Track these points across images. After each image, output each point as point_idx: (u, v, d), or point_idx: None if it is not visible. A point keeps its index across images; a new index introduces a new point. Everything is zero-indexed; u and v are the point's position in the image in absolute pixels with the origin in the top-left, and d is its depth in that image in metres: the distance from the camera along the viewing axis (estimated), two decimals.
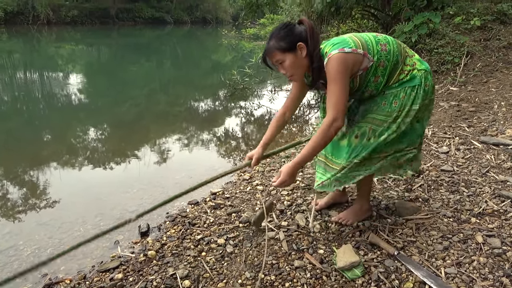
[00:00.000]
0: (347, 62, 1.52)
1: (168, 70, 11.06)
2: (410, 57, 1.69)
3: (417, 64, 1.67)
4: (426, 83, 1.63)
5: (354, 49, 1.54)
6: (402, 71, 1.64)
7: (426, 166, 2.59)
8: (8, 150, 3.74)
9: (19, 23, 23.26)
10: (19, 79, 8.81)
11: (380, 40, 1.62)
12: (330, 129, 1.53)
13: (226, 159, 3.59)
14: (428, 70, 1.67)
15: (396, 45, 1.64)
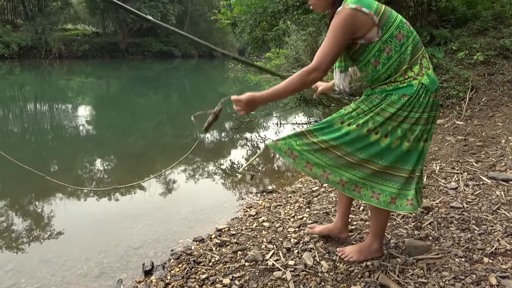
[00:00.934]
0: (355, 20, 1.47)
1: (175, 103, 11.23)
2: (421, 66, 1.57)
3: (424, 76, 1.55)
4: (423, 96, 1.54)
5: (371, 13, 1.47)
6: (403, 75, 1.54)
7: (435, 203, 2.55)
8: (15, 180, 3.76)
9: (32, 57, 23.98)
10: (29, 111, 8.99)
11: (402, 28, 1.52)
12: (308, 76, 1.49)
13: (232, 192, 3.56)
14: (428, 87, 1.54)
15: (413, 45, 1.54)
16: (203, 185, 3.74)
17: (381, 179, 1.64)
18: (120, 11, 27.37)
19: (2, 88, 12.83)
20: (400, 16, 1.56)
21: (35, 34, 24.29)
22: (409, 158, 1.61)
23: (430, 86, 1.54)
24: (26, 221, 2.89)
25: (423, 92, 1.53)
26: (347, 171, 1.64)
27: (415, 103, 1.53)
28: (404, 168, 1.62)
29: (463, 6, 6.61)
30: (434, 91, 1.56)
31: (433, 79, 1.57)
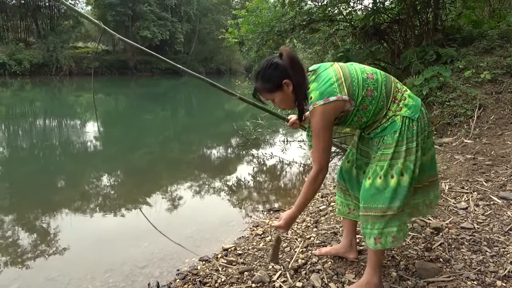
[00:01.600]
0: (331, 112, 1.57)
1: (182, 119, 11.32)
2: (397, 102, 1.64)
3: (403, 110, 1.62)
4: (412, 124, 1.62)
5: (339, 96, 1.55)
6: (385, 116, 1.64)
7: (445, 223, 2.51)
8: (21, 196, 3.77)
9: (43, 74, 24.44)
10: (39, 127, 9.11)
11: (368, 85, 1.60)
12: (317, 181, 1.63)
13: (238, 210, 3.54)
14: (411, 116, 1.61)
15: (384, 91, 1.62)
16: (209, 203, 3.72)
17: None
18: (130, 30, 27.94)
19: (13, 104, 13.04)
20: (358, 70, 1.63)
21: (46, 52, 24.80)
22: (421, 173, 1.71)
23: (412, 114, 1.61)
24: (32, 238, 2.88)
25: (409, 122, 1.61)
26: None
27: (406, 134, 1.61)
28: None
29: (468, 26, 6.64)
30: (419, 113, 1.64)
31: (414, 107, 1.63)
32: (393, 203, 1.61)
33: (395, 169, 1.61)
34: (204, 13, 34.73)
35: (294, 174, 4.77)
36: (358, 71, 1.62)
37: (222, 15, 34.94)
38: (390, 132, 1.62)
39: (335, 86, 1.56)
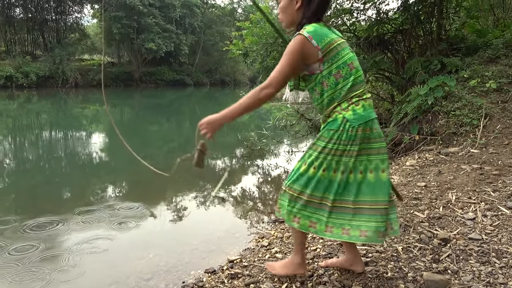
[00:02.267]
0: (305, 48, 1.60)
1: (187, 130, 11.35)
2: (350, 102, 1.64)
3: (348, 112, 1.64)
4: (349, 129, 1.63)
5: (318, 47, 1.60)
6: (334, 109, 1.67)
7: (453, 234, 2.48)
8: (26, 206, 3.78)
9: (49, 86, 24.71)
10: (44, 138, 9.18)
11: (342, 69, 1.64)
12: (260, 93, 1.66)
13: (243, 221, 3.52)
14: (351, 121, 1.62)
15: (350, 86, 1.64)
16: (214, 214, 3.71)
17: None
18: (136, 42, 28.28)
19: (19, 116, 13.17)
20: (349, 56, 1.67)
21: (53, 65, 25.12)
22: (350, 189, 1.68)
23: (353, 120, 1.62)
24: (34, 250, 2.87)
25: (349, 126, 1.63)
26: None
27: (341, 136, 1.64)
28: (348, 200, 1.69)
29: (473, 35, 6.65)
30: (362, 124, 1.63)
31: (360, 115, 1.64)
32: (307, 189, 1.70)
33: (318, 162, 1.67)
34: (208, 25, 35.10)
35: None
36: (349, 56, 1.67)
37: (226, 27, 35.30)
38: (330, 127, 1.67)
39: (324, 39, 1.61)
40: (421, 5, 6.21)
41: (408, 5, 6.27)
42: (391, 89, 7.41)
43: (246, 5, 37.97)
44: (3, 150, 7.52)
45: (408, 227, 2.50)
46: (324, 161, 1.67)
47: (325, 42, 1.62)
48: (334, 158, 1.66)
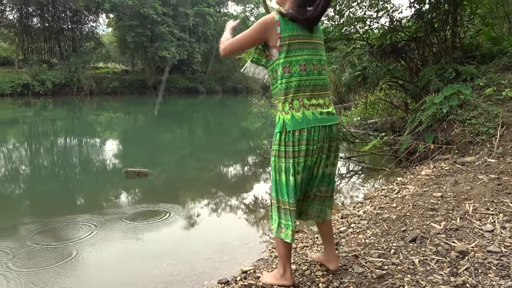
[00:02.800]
0: (267, 27, 1.69)
1: (199, 137, 11.42)
2: (293, 105, 1.73)
3: (287, 116, 1.74)
4: (290, 132, 1.73)
5: (279, 35, 1.68)
6: (286, 102, 1.74)
7: (471, 247, 2.42)
8: (41, 213, 3.83)
9: (65, 94, 25.18)
10: (59, 145, 9.33)
11: (292, 66, 1.70)
12: (220, 46, 1.95)
13: (256, 230, 3.51)
14: (287, 124, 1.74)
15: (296, 85, 1.72)
16: (227, 223, 3.70)
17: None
18: (149, 50, 28.67)
19: (35, 123, 13.44)
20: (305, 58, 1.73)
21: (68, 73, 25.61)
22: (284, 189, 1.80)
23: (289, 125, 1.73)
24: (47, 259, 2.90)
25: (288, 129, 1.74)
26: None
27: (286, 138, 1.74)
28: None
29: (488, 43, 6.57)
30: (303, 129, 1.72)
31: (297, 121, 1.72)
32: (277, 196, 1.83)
33: (277, 166, 1.79)
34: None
35: None
36: (306, 56, 1.73)
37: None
38: (276, 130, 1.80)
39: (288, 32, 1.69)
40: (435, 13, 6.17)
41: (421, 13, 6.24)
42: (405, 97, 7.35)
43: (259, 13, 38.20)
44: (19, 156, 7.66)
45: (425, 238, 2.46)
46: (282, 164, 1.76)
47: (287, 34, 1.68)
48: (295, 159, 1.74)
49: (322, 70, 1.79)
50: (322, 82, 1.79)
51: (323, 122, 1.75)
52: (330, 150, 1.83)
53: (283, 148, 1.75)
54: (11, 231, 3.45)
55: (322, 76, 1.78)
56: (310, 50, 1.74)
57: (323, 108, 1.77)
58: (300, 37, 1.70)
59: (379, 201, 3.58)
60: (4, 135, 10.86)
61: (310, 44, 1.74)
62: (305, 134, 1.71)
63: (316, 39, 1.78)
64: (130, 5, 26.93)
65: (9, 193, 5.00)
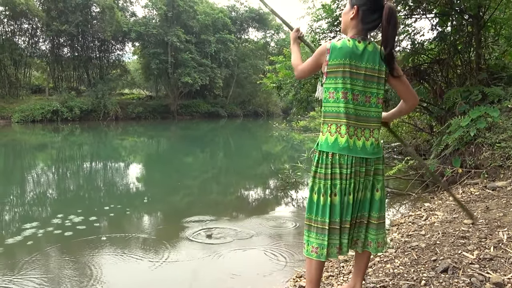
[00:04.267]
0: (321, 56, 1.79)
1: (221, 161, 11.48)
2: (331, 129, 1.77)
3: (323, 137, 1.81)
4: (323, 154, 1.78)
5: (327, 62, 1.76)
6: (325, 124, 1.81)
7: (507, 278, 2.29)
8: (66, 236, 3.89)
9: (91, 119, 26.03)
10: (85, 169, 9.56)
11: (336, 90, 1.75)
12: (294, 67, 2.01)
13: (279, 258, 3.43)
14: (321, 145, 1.80)
15: (337, 110, 1.75)
16: (249, 250, 3.63)
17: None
18: (172, 76, 29.47)
19: (63, 148, 13.87)
20: (348, 87, 1.74)
21: (95, 99, 26.54)
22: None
23: (322, 144, 1.79)
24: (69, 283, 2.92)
25: (322, 151, 1.79)
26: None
27: (320, 160, 1.78)
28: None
29: None
30: (336, 154, 1.74)
31: (329, 145, 1.76)
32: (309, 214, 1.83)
33: (313, 187, 1.81)
34: (242, 59, 36.11)
35: None
36: (350, 85, 1.74)
37: (259, 60, 36.16)
38: (315, 148, 1.85)
39: (337, 60, 1.73)
40: (458, 35, 6.11)
41: (444, 35, 6.19)
42: (429, 119, 7.21)
43: (279, 39, 38.89)
44: (47, 179, 7.88)
45: (457, 269, 2.34)
46: (320, 185, 1.77)
47: (335, 62, 1.74)
48: (326, 181, 1.75)
49: (366, 102, 1.78)
50: (365, 114, 1.78)
51: (355, 153, 1.74)
52: (368, 174, 1.79)
53: (318, 169, 1.79)
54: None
55: (362, 106, 1.77)
56: (352, 79, 1.74)
57: (359, 139, 1.76)
58: (345, 65, 1.73)
59: (406, 228, 3.46)
60: (34, 159, 11.24)
61: (355, 74, 1.75)
62: (337, 158, 1.74)
63: (368, 70, 1.76)
64: (154, 34, 27.95)
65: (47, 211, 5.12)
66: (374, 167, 1.80)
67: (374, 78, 1.77)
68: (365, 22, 1.76)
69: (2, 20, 25.68)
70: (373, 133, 1.79)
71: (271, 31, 39.08)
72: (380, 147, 1.84)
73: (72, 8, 26.05)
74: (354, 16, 1.76)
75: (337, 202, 1.75)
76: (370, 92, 1.78)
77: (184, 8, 29.30)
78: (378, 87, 1.79)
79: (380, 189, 1.84)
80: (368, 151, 1.77)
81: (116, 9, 27.74)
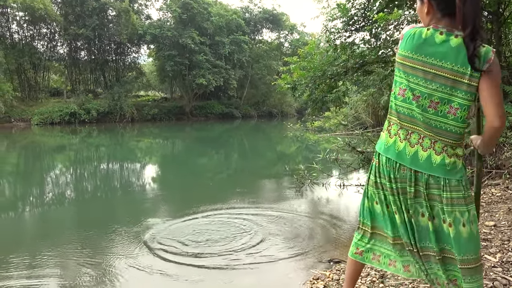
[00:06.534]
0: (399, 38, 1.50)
1: (235, 161, 11.51)
2: (392, 131, 1.51)
3: (381, 138, 1.56)
4: (378, 159, 1.56)
5: (397, 49, 1.50)
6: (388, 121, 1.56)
7: None
8: (80, 237, 3.95)
9: (108, 121, 26.43)
10: (102, 169, 9.72)
11: (396, 85, 1.50)
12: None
13: (296, 260, 3.40)
14: (379, 147, 1.55)
15: (394, 107, 1.50)
16: (265, 252, 3.60)
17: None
18: (187, 78, 29.69)
19: (80, 149, 14.12)
20: (406, 84, 1.46)
21: (112, 101, 26.94)
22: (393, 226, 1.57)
23: (379, 149, 1.54)
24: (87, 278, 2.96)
25: (376, 155, 1.57)
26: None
27: (377, 167, 1.55)
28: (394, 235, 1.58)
29: None
30: (388, 158, 1.50)
31: (384, 146, 1.52)
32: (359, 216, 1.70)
33: (369, 193, 1.62)
34: (256, 60, 36.12)
35: (354, 221, 4.56)
36: (413, 82, 1.44)
37: (273, 61, 36.10)
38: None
39: (405, 52, 1.45)
40: None
41: None
42: None
43: (293, 39, 38.77)
44: (65, 180, 8.03)
45: None
46: (371, 193, 1.60)
47: (403, 54, 1.45)
48: (378, 191, 1.56)
49: (428, 107, 1.43)
50: (424, 120, 1.43)
51: (405, 161, 1.46)
52: (425, 199, 1.46)
53: (369, 174, 1.61)
54: None
55: (417, 107, 1.43)
56: (416, 77, 1.43)
57: (415, 148, 1.45)
58: (412, 60, 1.43)
59: None
60: (53, 160, 11.47)
61: (422, 71, 1.42)
62: (384, 166, 1.51)
63: (439, 69, 1.40)
64: (169, 36, 28.21)
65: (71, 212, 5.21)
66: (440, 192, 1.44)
67: (442, 79, 1.41)
68: (442, 8, 1.41)
69: (22, 25, 26.32)
70: (433, 144, 1.46)
71: (285, 31, 38.99)
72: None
73: (89, 12, 26.52)
74: (429, 10, 1.44)
75: (388, 213, 1.58)
76: (436, 97, 1.42)
77: (198, 10, 29.48)
78: (447, 92, 1.41)
79: (458, 224, 1.43)
80: (427, 168, 1.45)
81: (131, 12, 28.10)
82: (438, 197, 1.44)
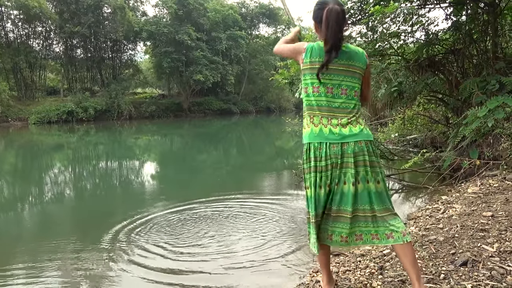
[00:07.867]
0: (299, 51, 1.94)
1: (234, 157, 11.52)
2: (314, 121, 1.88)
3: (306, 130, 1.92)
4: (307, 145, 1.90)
5: (302, 61, 1.91)
6: (308, 117, 1.92)
7: None
8: (80, 236, 3.96)
9: (106, 119, 26.37)
10: (101, 168, 9.71)
11: (308, 85, 1.90)
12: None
13: (295, 253, 3.41)
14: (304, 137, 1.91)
15: (317, 104, 1.87)
16: (265, 246, 3.63)
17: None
18: (184, 74, 29.59)
19: (79, 147, 14.09)
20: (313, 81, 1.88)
21: (109, 99, 26.88)
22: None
23: (303, 136, 1.92)
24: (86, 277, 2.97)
25: (305, 144, 1.92)
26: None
27: (311, 154, 1.88)
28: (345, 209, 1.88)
29: None
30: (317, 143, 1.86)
31: (313, 135, 1.87)
32: (307, 208, 1.98)
33: (307, 182, 1.93)
34: (253, 55, 36.04)
35: None
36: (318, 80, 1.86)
37: (270, 55, 36.00)
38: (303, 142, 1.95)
39: (309, 59, 1.89)
40: (473, 24, 5.96)
41: (459, 25, 6.05)
42: (445, 111, 7.08)
43: None
44: (64, 179, 8.03)
45: (477, 262, 2.30)
46: (313, 179, 1.88)
47: (308, 61, 1.89)
48: (319, 173, 1.86)
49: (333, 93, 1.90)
50: (337, 105, 1.89)
51: (330, 139, 1.85)
52: (349, 167, 1.83)
53: (303, 163, 1.94)
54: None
55: (335, 98, 1.89)
56: (326, 75, 1.88)
57: (335, 127, 1.85)
58: (314, 63, 1.88)
59: (424, 221, 3.41)
60: (51, 159, 11.45)
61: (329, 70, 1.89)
62: (312, 150, 1.87)
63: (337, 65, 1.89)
64: (165, 33, 28.09)
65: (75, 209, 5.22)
66: (357, 159, 1.85)
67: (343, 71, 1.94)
68: (323, 31, 1.87)
69: (17, 24, 26.17)
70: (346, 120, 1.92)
71: (281, 26, 38.86)
72: None
73: (84, 10, 26.38)
74: (316, 29, 1.98)
75: (320, 196, 1.90)
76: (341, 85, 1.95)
77: (194, 6, 29.35)
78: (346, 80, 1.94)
79: (372, 181, 1.87)
80: (345, 137, 1.87)
81: (127, 9, 27.97)
82: (363, 162, 1.83)
